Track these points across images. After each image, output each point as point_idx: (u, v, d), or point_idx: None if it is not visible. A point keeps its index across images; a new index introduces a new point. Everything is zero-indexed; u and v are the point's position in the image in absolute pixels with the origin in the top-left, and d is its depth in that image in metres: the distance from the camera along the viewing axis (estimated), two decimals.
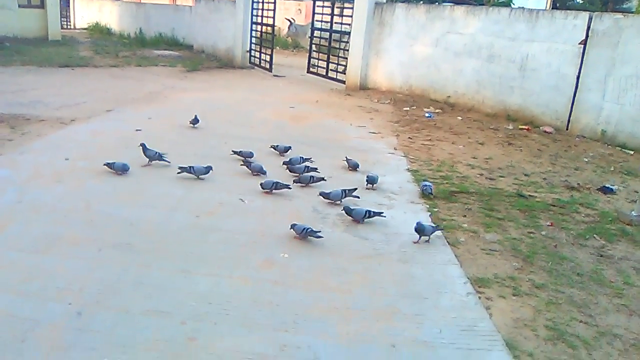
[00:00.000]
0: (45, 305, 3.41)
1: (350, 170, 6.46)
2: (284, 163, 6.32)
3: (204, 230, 4.65)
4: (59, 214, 4.76)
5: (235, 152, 6.58)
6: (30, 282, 3.66)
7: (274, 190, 5.53)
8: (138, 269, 3.92)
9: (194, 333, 3.22)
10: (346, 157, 6.59)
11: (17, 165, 5.98)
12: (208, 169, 5.83)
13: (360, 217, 4.98)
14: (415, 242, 4.64)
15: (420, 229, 4.62)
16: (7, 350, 2.97)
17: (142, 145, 6.14)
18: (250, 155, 6.45)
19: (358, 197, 5.49)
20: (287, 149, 6.94)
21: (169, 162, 6.16)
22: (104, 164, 5.80)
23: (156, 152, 6.15)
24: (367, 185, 5.91)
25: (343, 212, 5.05)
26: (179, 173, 5.79)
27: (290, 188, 5.60)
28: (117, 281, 3.74)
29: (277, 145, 6.98)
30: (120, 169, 5.78)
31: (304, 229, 4.51)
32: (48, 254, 4.05)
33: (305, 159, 6.40)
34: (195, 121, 7.97)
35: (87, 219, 4.70)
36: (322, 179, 5.89)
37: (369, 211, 5.00)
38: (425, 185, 5.80)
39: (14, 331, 3.13)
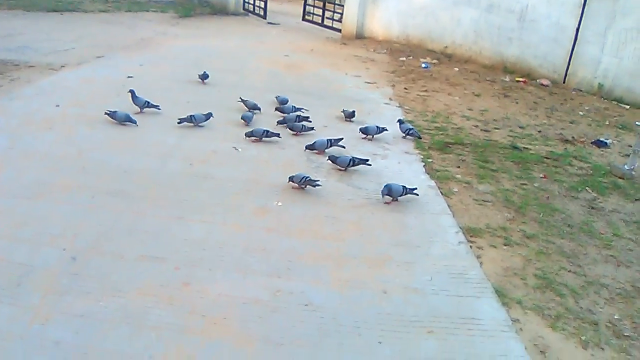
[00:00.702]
0: (39, 251, 3.43)
1: (346, 120, 6.41)
2: (276, 109, 6.26)
3: (198, 177, 4.64)
4: (51, 161, 4.73)
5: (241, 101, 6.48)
6: (24, 228, 3.67)
7: (264, 138, 5.49)
8: (132, 216, 3.92)
9: (188, 278, 3.26)
10: (343, 110, 6.51)
11: (7, 111, 5.89)
12: (208, 115, 5.81)
13: (344, 165, 4.98)
14: (386, 203, 4.52)
15: (389, 190, 4.47)
16: (3, 294, 3.00)
17: (131, 92, 6.04)
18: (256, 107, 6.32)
19: (344, 147, 5.45)
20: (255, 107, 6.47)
21: (159, 109, 6.08)
22: (105, 113, 5.70)
23: (145, 100, 6.05)
24: (362, 136, 5.90)
25: (329, 160, 5.05)
26: (179, 123, 5.71)
27: (280, 137, 5.57)
28: (112, 227, 3.75)
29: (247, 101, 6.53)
30: (123, 119, 5.68)
31: (303, 177, 4.52)
32: (41, 200, 4.05)
33: (298, 108, 6.33)
34: (204, 76, 7.52)
35: (79, 165, 4.67)
36: (312, 128, 5.87)
37: (354, 159, 4.99)
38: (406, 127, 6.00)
39: (9, 276, 3.15)
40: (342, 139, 5.49)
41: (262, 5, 14.60)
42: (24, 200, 4.04)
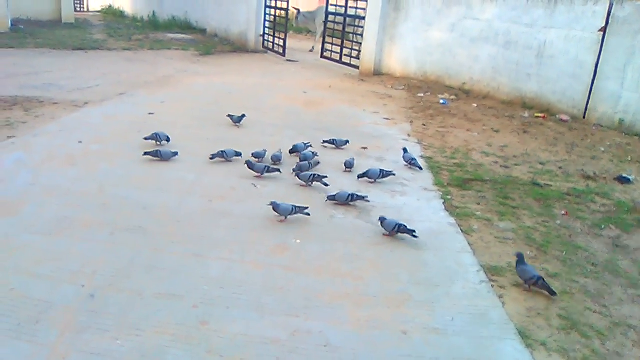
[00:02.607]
0: (58, 287, 3.43)
1: (345, 171, 5.94)
2: (290, 151, 6.19)
3: (216, 214, 4.65)
4: (72, 197, 4.78)
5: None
6: (44, 264, 3.69)
7: (265, 174, 5.54)
8: (151, 253, 3.93)
9: (206, 317, 3.23)
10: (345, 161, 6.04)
11: (31, 147, 6.01)
12: (239, 153, 5.91)
13: (343, 200, 4.97)
14: (385, 235, 4.49)
15: (383, 222, 4.49)
16: (22, 331, 3.00)
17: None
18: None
19: (327, 185, 5.31)
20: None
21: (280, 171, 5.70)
22: (144, 154, 5.79)
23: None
24: (345, 169, 5.92)
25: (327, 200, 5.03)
26: (211, 159, 5.79)
27: (280, 172, 5.60)
28: (130, 264, 3.76)
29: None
30: (169, 156, 5.82)
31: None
32: (61, 237, 4.08)
33: (307, 145, 6.30)
34: (238, 119, 7.32)
35: (100, 202, 4.72)
36: (324, 177, 5.43)
37: (352, 194, 4.97)
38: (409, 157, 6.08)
39: (28, 312, 3.16)
40: (326, 176, 5.42)
41: (281, 43, 14.88)
42: (44, 236, 4.08)
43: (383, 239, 4.44)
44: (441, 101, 10.01)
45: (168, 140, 6.22)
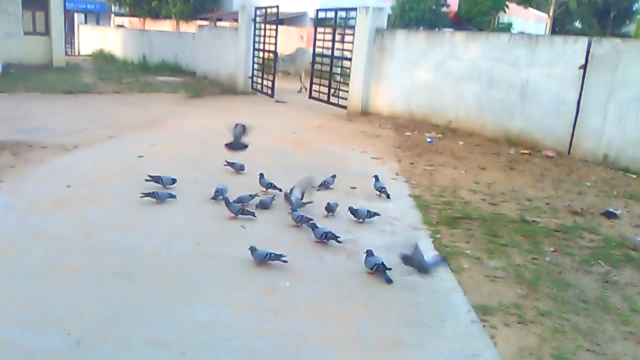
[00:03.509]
0: (44, 335, 3.37)
1: (327, 215, 5.83)
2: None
3: (205, 257, 4.62)
4: (59, 242, 4.74)
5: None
6: (29, 311, 3.63)
7: (240, 216, 5.51)
8: (138, 298, 3.88)
9: None
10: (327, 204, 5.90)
11: (18, 192, 5.99)
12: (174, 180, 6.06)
13: (319, 237, 4.99)
14: (369, 272, 4.50)
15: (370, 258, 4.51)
16: None
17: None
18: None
19: (340, 242, 5.04)
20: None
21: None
22: (142, 195, 5.78)
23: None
24: (327, 214, 5.79)
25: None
26: (213, 198, 5.86)
27: (255, 217, 5.51)
28: (117, 310, 3.70)
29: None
30: (164, 198, 5.84)
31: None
32: (48, 283, 4.02)
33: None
34: (240, 168, 7.24)
35: (87, 246, 4.68)
36: (311, 219, 5.32)
37: (328, 233, 4.97)
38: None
39: None
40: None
41: (270, 85, 15.08)
42: (30, 282, 4.02)
43: (373, 280, 4.42)
44: (428, 140, 10.13)
45: (174, 182, 6.26)
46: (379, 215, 5.67)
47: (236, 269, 4.46)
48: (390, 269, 4.48)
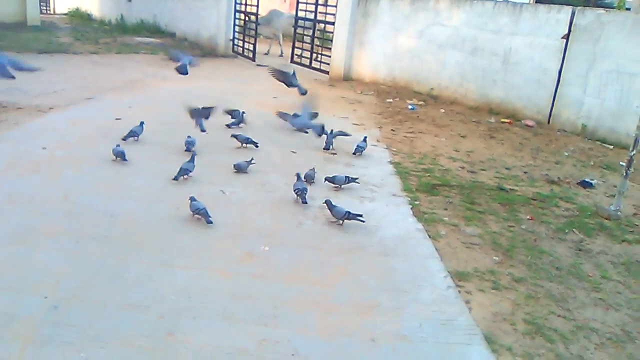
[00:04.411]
0: (20, 299, 3.35)
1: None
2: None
3: (184, 222, 4.60)
4: (35, 205, 4.68)
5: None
6: (5, 275, 3.59)
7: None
8: (116, 262, 3.86)
9: (173, 327, 3.19)
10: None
11: None
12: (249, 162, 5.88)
13: (340, 216, 4.80)
14: (332, 222, 4.80)
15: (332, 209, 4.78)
16: None
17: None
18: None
19: (363, 221, 4.86)
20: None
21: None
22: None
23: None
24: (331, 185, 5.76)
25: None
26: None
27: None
28: (95, 274, 3.69)
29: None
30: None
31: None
32: (24, 246, 3.98)
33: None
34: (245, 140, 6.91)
35: (64, 209, 4.62)
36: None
37: (349, 213, 4.78)
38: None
39: None
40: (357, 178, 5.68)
41: (251, 48, 14.83)
42: (6, 246, 3.98)
43: (352, 245, 4.46)
44: (410, 107, 10.12)
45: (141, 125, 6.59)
46: (357, 182, 5.68)
47: (215, 233, 4.45)
48: (360, 214, 4.74)
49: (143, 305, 3.37)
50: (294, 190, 5.16)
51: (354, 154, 6.74)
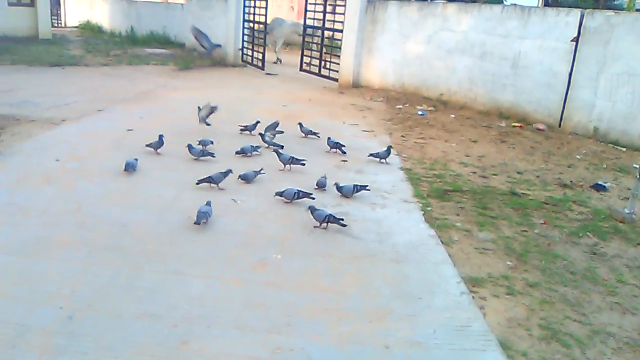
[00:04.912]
0: (35, 310, 3.37)
1: (316, 188, 5.78)
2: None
3: (196, 231, 4.61)
4: (49, 216, 4.72)
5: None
6: (20, 286, 3.63)
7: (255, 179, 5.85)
8: (129, 272, 3.88)
9: (186, 336, 3.20)
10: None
11: (6, 166, 5.93)
12: (227, 172, 5.65)
13: (321, 220, 4.83)
14: (316, 227, 4.81)
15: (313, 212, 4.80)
16: None
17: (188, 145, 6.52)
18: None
19: (344, 226, 4.85)
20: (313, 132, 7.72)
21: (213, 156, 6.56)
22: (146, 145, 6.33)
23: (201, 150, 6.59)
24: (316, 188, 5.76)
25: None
26: (198, 184, 5.55)
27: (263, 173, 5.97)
28: (109, 284, 3.71)
29: (303, 127, 7.76)
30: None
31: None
32: (38, 257, 4.01)
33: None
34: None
35: (77, 221, 4.66)
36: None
37: (330, 216, 4.81)
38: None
39: (4, 337, 3.09)
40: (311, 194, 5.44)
41: (260, 57, 14.91)
42: (21, 257, 4.01)
43: (364, 252, 4.45)
44: (419, 112, 10.10)
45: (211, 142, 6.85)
46: (368, 189, 5.64)
47: (227, 242, 4.46)
48: (342, 218, 4.76)
49: (156, 315, 3.38)
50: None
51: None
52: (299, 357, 3.10)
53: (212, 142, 6.88)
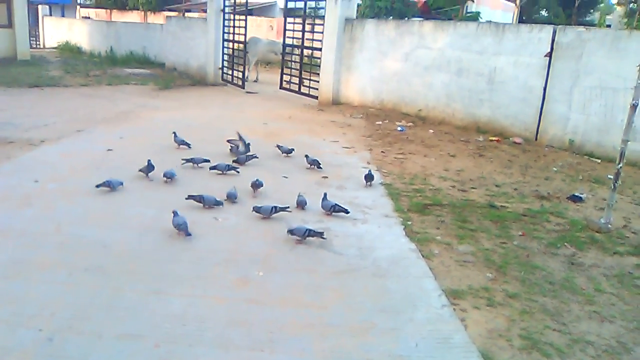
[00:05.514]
0: (15, 332, 3.33)
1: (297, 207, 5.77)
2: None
3: (178, 250, 4.60)
4: (28, 238, 4.67)
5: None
6: None
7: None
8: (110, 292, 3.85)
9: (168, 356, 3.18)
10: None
11: None
12: (219, 202, 5.60)
13: (301, 235, 4.86)
14: (297, 242, 4.84)
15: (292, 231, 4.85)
16: None
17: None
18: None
19: (324, 238, 4.92)
20: (291, 150, 7.76)
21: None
22: (96, 186, 5.82)
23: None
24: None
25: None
26: (187, 199, 5.56)
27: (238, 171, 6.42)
28: (89, 305, 3.67)
29: (281, 146, 7.82)
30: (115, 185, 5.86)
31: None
32: (17, 279, 3.97)
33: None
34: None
35: (57, 242, 4.61)
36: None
37: (310, 231, 4.85)
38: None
39: None
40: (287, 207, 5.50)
41: (240, 75, 14.98)
42: (0, 279, 3.96)
43: (346, 267, 4.47)
44: (399, 128, 10.22)
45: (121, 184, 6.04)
46: (289, 210, 5.48)
47: (209, 260, 4.46)
48: (322, 232, 4.83)
49: (138, 335, 3.36)
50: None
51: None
52: None
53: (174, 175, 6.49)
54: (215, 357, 3.21)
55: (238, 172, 6.74)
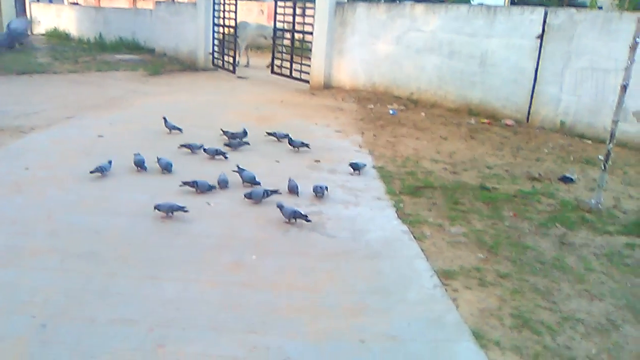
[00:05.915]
0: (8, 319, 3.33)
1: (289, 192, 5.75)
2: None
3: (171, 235, 4.61)
4: (19, 225, 4.65)
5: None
6: None
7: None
8: (103, 278, 3.86)
9: (162, 340, 3.19)
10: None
11: None
12: (212, 187, 5.62)
13: (288, 216, 4.92)
14: (286, 222, 4.93)
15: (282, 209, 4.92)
16: None
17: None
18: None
19: (309, 221, 4.94)
20: (286, 135, 7.60)
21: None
22: (91, 171, 5.80)
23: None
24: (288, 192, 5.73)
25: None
26: (181, 186, 5.59)
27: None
28: (82, 291, 3.68)
29: (275, 133, 7.74)
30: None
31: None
32: (9, 267, 3.96)
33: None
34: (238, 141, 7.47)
35: (49, 229, 4.60)
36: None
37: (296, 212, 4.91)
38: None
39: None
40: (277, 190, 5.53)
41: (231, 60, 14.88)
42: None
43: (338, 250, 4.49)
44: (390, 111, 10.21)
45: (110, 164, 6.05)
46: (279, 193, 5.52)
47: (202, 245, 4.46)
48: (306, 215, 4.86)
49: (132, 320, 3.37)
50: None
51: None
52: (276, 356, 3.12)
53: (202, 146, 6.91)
54: (208, 340, 3.23)
55: (226, 157, 6.68)
